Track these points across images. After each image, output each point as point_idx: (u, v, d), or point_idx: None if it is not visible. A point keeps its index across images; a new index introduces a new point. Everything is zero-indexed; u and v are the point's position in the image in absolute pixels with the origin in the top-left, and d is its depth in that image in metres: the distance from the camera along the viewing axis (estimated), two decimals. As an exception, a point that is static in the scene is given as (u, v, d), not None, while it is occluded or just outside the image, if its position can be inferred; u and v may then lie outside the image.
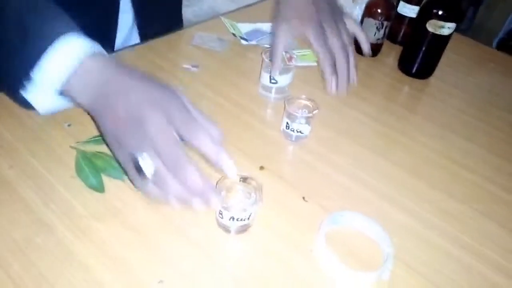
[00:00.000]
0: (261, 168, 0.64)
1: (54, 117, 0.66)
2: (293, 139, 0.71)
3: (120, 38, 0.90)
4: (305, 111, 0.69)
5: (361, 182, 0.65)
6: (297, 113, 0.68)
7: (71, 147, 0.62)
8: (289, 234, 0.56)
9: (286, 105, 0.69)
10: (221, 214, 0.53)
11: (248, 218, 0.54)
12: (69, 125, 0.65)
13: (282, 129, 0.72)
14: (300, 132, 0.70)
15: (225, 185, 0.55)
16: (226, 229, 0.55)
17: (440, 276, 0.54)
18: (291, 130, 0.70)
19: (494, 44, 2.32)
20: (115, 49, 0.88)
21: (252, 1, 1.13)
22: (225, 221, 0.53)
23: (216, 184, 0.54)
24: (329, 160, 0.68)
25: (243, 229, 0.55)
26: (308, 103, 0.71)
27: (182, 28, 0.99)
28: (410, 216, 0.61)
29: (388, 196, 0.63)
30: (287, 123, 0.70)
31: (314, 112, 0.69)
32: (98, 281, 0.48)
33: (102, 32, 0.74)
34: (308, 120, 0.69)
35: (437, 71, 0.91)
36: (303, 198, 0.60)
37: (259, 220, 0.56)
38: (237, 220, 0.53)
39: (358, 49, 0.96)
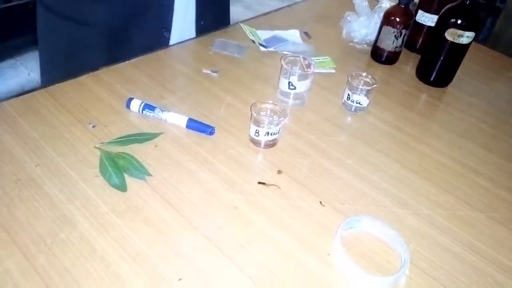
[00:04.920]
0: (279, 172, 0.65)
1: (79, 118, 0.68)
2: (353, 109, 0.79)
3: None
4: (364, 86, 0.78)
5: (378, 188, 0.65)
6: (358, 86, 0.77)
7: (95, 147, 0.64)
8: (307, 237, 0.57)
9: (349, 79, 0.77)
10: (257, 132, 0.66)
11: (278, 132, 0.67)
12: (93, 126, 0.67)
13: (343, 101, 0.80)
14: (359, 103, 0.77)
15: (256, 108, 0.67)
16: (259, 145, 0.68)
17: (456, 283, 0.54)
18: (351, 101, 0.78)
19: None
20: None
21: (268, 9, 1.15)
22: (261, 137, 0.66)
23: (251, 108, 0.66)
24: (346, 165, 0.68)
25: (273, 143, 0.68)
26: (368, 79, 0.79)
27: (229, 26, 1.03)
28: (426, 222, 0.61)
29: (404, 202, 0.64)
30: (349, 94, 0.78)
31: (373, 86, 0.77)
32: (119, 275, 0.49)
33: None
34: (367, 93, 0.77)
35: (455, 80, 0.91)
36: (320, 202, 0.61)
37: (277, 223, 0.57)
38: (270, 134, 0.66)
39: (376, 57, 0.97)
